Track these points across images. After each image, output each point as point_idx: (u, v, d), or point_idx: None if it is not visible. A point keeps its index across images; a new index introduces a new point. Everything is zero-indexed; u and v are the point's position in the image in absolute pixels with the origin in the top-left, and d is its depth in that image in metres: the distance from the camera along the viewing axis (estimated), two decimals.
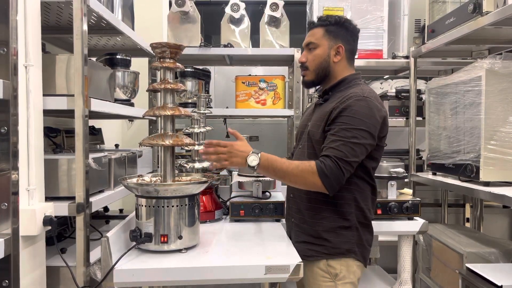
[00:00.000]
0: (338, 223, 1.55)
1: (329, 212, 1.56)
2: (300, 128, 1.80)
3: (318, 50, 1.65)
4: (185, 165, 2.01)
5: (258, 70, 3.58)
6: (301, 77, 1.75)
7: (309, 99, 2.44)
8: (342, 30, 1.65)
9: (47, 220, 1.49)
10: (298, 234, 1.65)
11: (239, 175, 2.13)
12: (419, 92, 2.97)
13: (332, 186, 1.45)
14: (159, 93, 1.54)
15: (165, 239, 1.43)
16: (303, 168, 1.46)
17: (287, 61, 2.98)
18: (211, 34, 4.47)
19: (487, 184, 2.10)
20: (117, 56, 2.24)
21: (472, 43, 2.57)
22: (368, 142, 1.49)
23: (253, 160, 1.48)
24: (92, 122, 2.52)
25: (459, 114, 2.35)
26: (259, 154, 1.49)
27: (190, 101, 2.79)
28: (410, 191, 2.09)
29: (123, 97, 2.24)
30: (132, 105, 2.32)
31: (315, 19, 1.72)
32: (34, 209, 1.44)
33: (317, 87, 2.89)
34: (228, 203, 1.97)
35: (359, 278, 1.59)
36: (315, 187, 1.47)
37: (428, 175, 2.70)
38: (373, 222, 1.64)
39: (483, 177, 2.10)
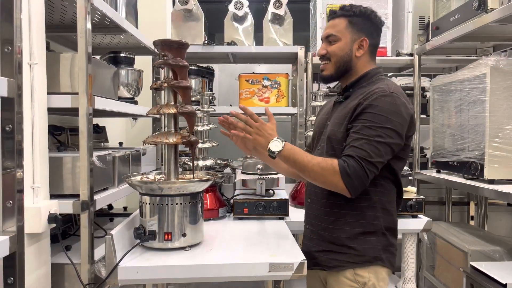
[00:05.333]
0: (362, 229, 1.44)
1: (352, 217, 1.45)
2: (317, 127, 1.66)
3: (340, 43, 1.51)
4: (188, 163, 2.02)
5: (262, 68, 3.58)
6: (320, 71, 1.59)
7: (313, 97, 2.43)
8: (367, 22, 1.52)
9: (51, 218, 1.50)
10: (318, 242, 1.53)
11: (242, 172, 2.13)
12: (423, 89, 2.96)
13: (355, 187, 1.35)
14: (162, 91, 1.54)
15: (169, 236, 1.44)
16: (325, 166, 1.36)
17: (291, 59, 2.98)
18: (214, 32, 4.47)
19: (491, 182, 2.09)
20: (121, 54, 2.25)
21: (477, 40, 2.56)
22: (395, 141, 1.38)
23: (275, 146, 1.40)
24: (96, 120, 2.53)
25: (463, 112, 2.33)
26: (284, 142, 1.41)
27: (193, 99, 2.79)
28: (414, 189, 2.08)
29: (127, 95, 2.24)
30: (136, 103, 2.32)
31: (336, 9, 1.58)
32: (39, 207, 1.45)
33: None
34: (231, 201, 1.97)
35: (387, 284, 1.48)
36: (336, 188, 1.37)
37: (432, 173, 2.69)
38: None
39: (487, 175, 2.09)
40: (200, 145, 1.99)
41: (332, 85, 3.26)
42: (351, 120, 1.43)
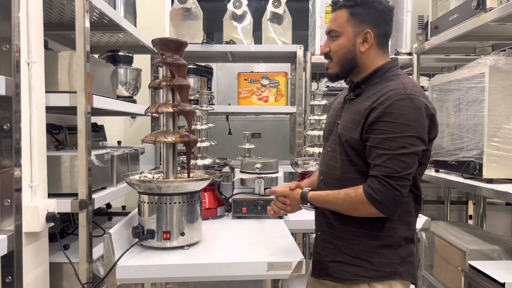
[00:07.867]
0: (380, 241, 1.34)
1: (369, 228, 1.34)
2: (327, 125, 1.54)
3: (342, 39, 1.39)
4: None
5: (261, 67, 3.58)
6: (326, 69, 1.48)
7: (312, 96, 2.43)
8: (371, 11, 1.37)
9: (50, 217, 1.50)
10: (330, 251, 1.41)
11: (241, 172, 2.13)
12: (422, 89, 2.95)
13: (390, 210, 1.26)
14: (161, 90, 1.54)
15: (168, 235, 1.44)
16: (351, 200, 1.29)
17: (290, 57, 2.98)
18: (213, 31, 4.47)
19: (490, 181, 2.09)
20: (120, 53, 2.24)
21: (476, 40, 2.56)
22: (420, 148, 1.26)
23: (308, 209, 1.43)
24: (95, 119, 2.53)
25: (462, 111, 2.34)
26: (308, 204, 1.41)
27: (192, 98, 2.79)
28: None
29: (126, 94, 2.24)
30: (134, 102, 2.32)
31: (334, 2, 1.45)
32: (37, 206, 1.45)
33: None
34: (230, 200, 1.97)
35: None
36: (374, 215, 1.28)
37: (431, 172, 2.69)
38: None
39: (486, 174, 2.09)
40: (198, 144, 1.99)
41: (331, 84, 3.26)
42: (366, 129, 1.31)
